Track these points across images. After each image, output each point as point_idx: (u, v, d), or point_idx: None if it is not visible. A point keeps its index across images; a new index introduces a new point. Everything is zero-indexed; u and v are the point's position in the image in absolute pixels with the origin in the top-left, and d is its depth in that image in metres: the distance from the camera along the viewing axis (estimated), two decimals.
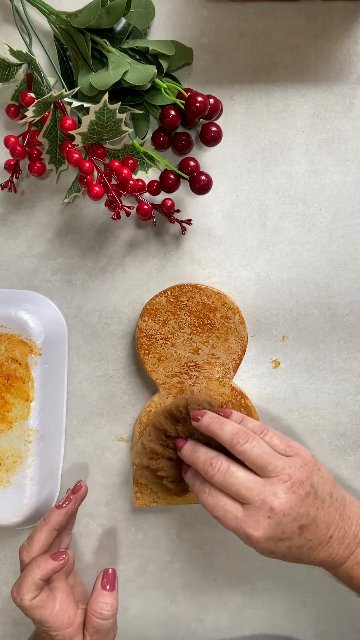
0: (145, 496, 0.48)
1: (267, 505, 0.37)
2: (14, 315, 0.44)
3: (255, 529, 0.36)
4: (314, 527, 0.38)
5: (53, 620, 0.41)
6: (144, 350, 0.47)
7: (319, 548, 0.38)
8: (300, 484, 0.38)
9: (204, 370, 0.48)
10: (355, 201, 0.49)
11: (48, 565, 0.41)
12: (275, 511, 0.36)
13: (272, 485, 0.37)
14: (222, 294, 0.47)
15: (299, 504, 0.37)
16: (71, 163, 0.42)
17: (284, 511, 0.37)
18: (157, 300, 0.47)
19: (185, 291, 0.47)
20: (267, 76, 0.48)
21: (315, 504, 0.38)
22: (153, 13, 0.46)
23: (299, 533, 0.37)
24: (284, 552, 0.38)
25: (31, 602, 0.40)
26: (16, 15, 0.46)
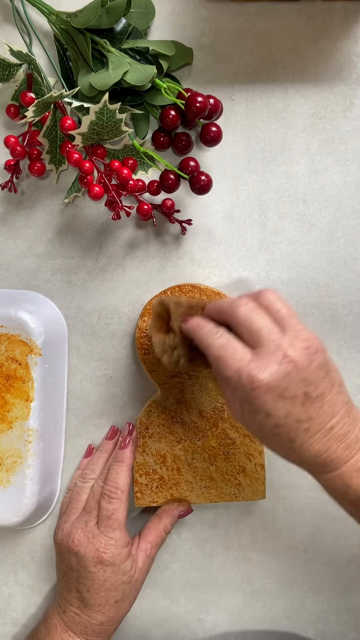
0: (146, 496, 0.48)
1: (281, 350, 0.33)
2: (14, 315, 0.44)
3: (262, 370, 0.33)
4: (318, 404, 0.34)
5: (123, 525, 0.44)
6: (144, 350, 0.47)
7: (316, 435, 0.34)
8: (317, 352, 0.34)
9: (205, 371, 0.48)
10: (355, 201, 0.49)
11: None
12: (288, 359, 0.33)
13: (291, 337, 0.34)
14: (222, 294, 0.47)
15: (310, 368, 0.34)
16: (71, 163, 0.42)
17: (296, 362, 0.33)
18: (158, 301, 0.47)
19: (185, 291, 0.47)
20: (267, 76, 0.48)
21: (325, 381, 0.35)
22: (153, 13, 0.46)
23: (302, 401, 0.33)
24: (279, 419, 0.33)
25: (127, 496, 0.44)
26: (16, 15, 0.46)
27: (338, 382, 0.36)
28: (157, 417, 0.48)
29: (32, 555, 0.51)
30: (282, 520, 0.52)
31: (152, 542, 0.46)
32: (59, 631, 0.44)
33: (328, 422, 0.34)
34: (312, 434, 0.34)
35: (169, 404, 0.48)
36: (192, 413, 0.48)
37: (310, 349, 0.34)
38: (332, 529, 0.51)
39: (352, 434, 0.35)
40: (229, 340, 0.35)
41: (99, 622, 0.43)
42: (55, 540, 0.46)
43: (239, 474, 0.48)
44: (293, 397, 0.33)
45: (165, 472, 0.48)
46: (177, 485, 0.48)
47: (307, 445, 0.34)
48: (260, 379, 0.33)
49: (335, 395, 0.35)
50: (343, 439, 0.35)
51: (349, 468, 0.34)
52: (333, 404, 0.35)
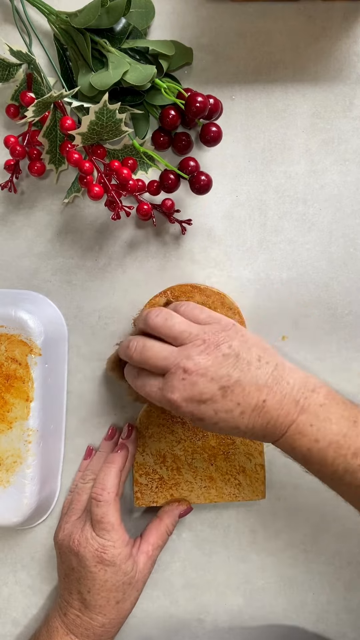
0: (146, 496, 0.48)
1: (180, 368, 0.36)
2: (14, 315, 0.44)
3: (172, 392, 0.36)
4: (239, 389, 0.36)
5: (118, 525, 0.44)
6: None
7: (253, 414, 0.36)
8: (216, 347, 0.37)
9: None
10: (355, 201, 0.49)
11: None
12: (188, 372, 0.36)
13: (186, 350, 0.37)
14: (222, 294, 0.47)
15: (215, 365, 0.36)
16: (71, 163, 0.42)
17: (197, 371, 0.36)
18: (157, 301, 0.47)
19: (185, 291, 0.47)
20: (267, 76, 0.48)
21: (237, 365, 0.36)
22: (153, 13, 0.46)
23: (222, 395, 0.36)
24: (213, 418, 0.36)
25: (115, 497, 0.44)
26: (16, 15, 0.46)
27: (255, 357, 0.37)
28: (157, 417, 0.48)
29: (32, 555, 0.51)
30: (282, 520, 0.51)
31: (153, 544, 0.46)
32: (61, 634, 0.44)
33: (258, 397, 0.36)
34: (248, 414, 0.36)
35: None
36: None
37: (208, 348, 0.37)
38: (332, 529, 0.51)
39: (288, 398, 0.36)
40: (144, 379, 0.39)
41: (100, 624, 0.43)
42: (56, 540, 0.46)
43: (238, 474, 0.48)
44: (211, 397, 0.36)
45: (165, 472, 0.48)
46: (177, 485, 0.48)
47: (251, 424, 0.36)
48: (175, 399, 0.36)
49: (255, 371, 0.36)
50: (280, 405, 0.36)
51: (292, 431, 0.36)
52: (256, 380, 0.36)
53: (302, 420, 0.36)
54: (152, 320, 0.39)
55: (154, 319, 0.39)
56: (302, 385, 0.37)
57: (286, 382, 0.37)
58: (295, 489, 0.51)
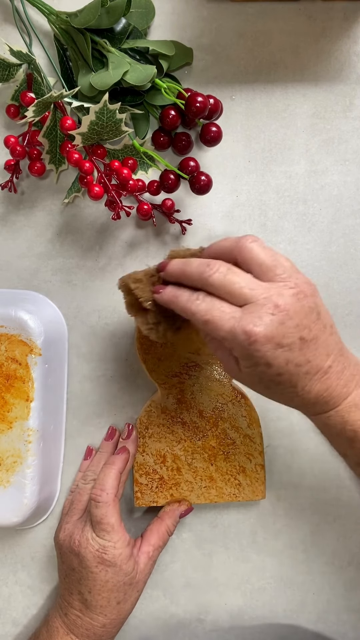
0: (146, 496, 0.48)
1: (271, 302, 0.33)
2: (14, 315, 0.44)
3: (257, 324, 0.32)
4: (314, 346, 0.34)
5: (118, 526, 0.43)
6: (144, 350, 0.47)
7: (316, 376, 0.35)
8: (306, 296, 0.34)
9: (204, 370, 0.48)
10: (355, 201, 0.49)
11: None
12: (280, 308, 0.33)
13: (278, 288, 0.34)
14: None
15: (302, 313, 0.34)
16: (71, 163, 0.42)
17: (288, 311, 0.33)
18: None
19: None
20: (267, 76, 0.48)
21: (318, 323, 0.35)
22: (153, 13, 0.46)
23: (300, 346, 0.34)
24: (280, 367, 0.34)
25: (114, 498, 0.43)
26: (16, 15, 0.46)
27: (329, 324, 0.36)
28: (157, 417, 0.48)
29: (32, 555, 0.51)
30: (282, 520, 0.52)
31: (154, 545, 0.46)
32: (61, 634, 0.44)
33: (325, 361, 0.35)
34: (312, 375, 0.35)
35: (169, 404, 0.48)
36: (192, 413, 0.48)
37: (300, 295, 0.34)
38: (332, 529, 0.51)
39: (348, 371, 0.36)
40: (213, 302, 0.34)
41: (101, 624, 0.43)
42: (57, 540, 0.46)
43: (239, 474, 0.48)
44: (290, 344, 0.33)
45: (165, 472, 0.48)
46: (177, 485, 0.48)
47: (309, 387, 0.35)
48: (256, 332, 0.32)
49: (329, 336, 0.36)
50: (340, 376, 0.36)
51: (347, 404, 0.36)
52: (327, 344, 0.35)
53: (358, 393, 0.36)
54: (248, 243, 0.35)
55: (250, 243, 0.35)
56: (356, 363, 0.37)
57: (346, 356, 0.37)
58: (295, 489, 0.51)
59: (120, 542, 0.43)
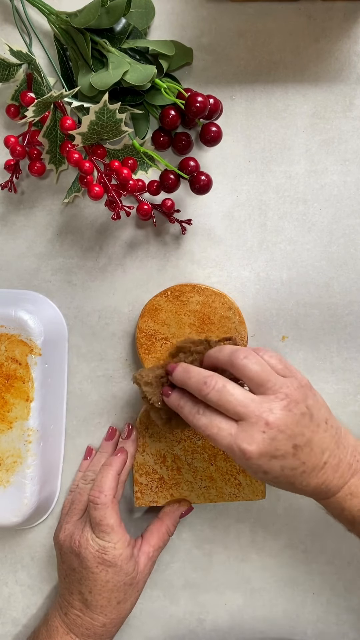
0: (146, 496, 0.48)
1: (262, 420, 0.35)
2: (14, 315, 0.44)
3: (250, 443, 0.35)
4: (308, 449, 0.37)
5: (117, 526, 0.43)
6: (144, 350, 0.47)
7: (312, 473, 0.37)
8: (297, 404, 0.37)
9: None
10: (355, 201, 0.49)
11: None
12: (270, 426, 0.35)
13: (269, 402, 0.36)
14: (222, 294, 0.47)
15: (294, 423, 0.36)
16: (71, 163, 0.42)
17: (279, 427, 0.35)
18: (157, 300, 0.47)
19: (185, 291, 0.47)
20: (267, 76, 0.48)
21: (310, 426, 0.37)
22: (153, 13, 0.46)
23: (293, 453, 0.36)
24: (276, 473, 0.36)
25: (112, 499, 0.44)
26: (16, 15, 0.46)
27: (324, 418, 0.38)
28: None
29: (32, 555, 0.51)
30: (282, 520, 0.51)
31: (154, 545, 0.46)
32: (61, 633, 0.44)
33: (320, 459, 0.37)
34: (308, 473, 0.37)
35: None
36: None
37: (290, 405, 0.36)
38: (332, 529, 0.51)
39: (344, 462, 0.38)
40: (212, 417, 0.37)
41: (101, 624, 0.43)
42: (57, 540, 0.46)
43: (239, 474, 0.48)
44: (283, 454, 0.36)
45: (165, 472, 0.48)
46: (177, 485, 0.48)
47: (306, 482, 0.37)
48: (250, 451, 0.35)
49: (323, 433, 0.38)
50: (337, 468, 0.38)
51: (343, 493, 0.38)
52: (322, 442, 0.37)
53: (354, 482, 0.38)
54: (240, 360, 0.38)
55: (242, 360, 0.38)
56: (354, 449, 0.39)
57: (343, 446, 0.39)
58: None
59: (120, 543, 0.43)
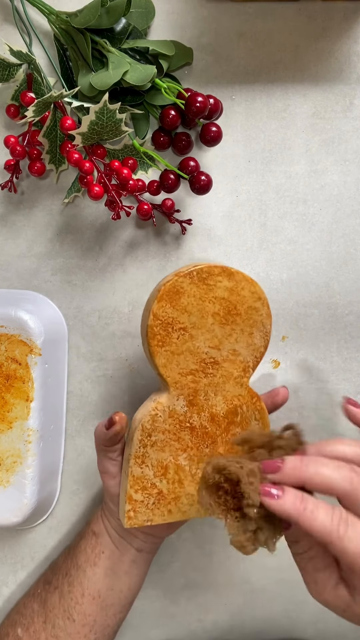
0: (139, 515, 0.40)
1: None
2: (14, 315, 0.44)
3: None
4: None
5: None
6: (158, 341, 0.40)
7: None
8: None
9: (223, 368, 0.41)
10: (355, 201, 0.49)
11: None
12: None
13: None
14: (253, 282, 0.41)
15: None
16: (71, 163, 0.42)
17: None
18: (180, 282, 0.40)
19: (213, 273, 0.40)
20: (267, 76, 0.48)
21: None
22: (153, 13, 0.46)
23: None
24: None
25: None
26: (16, 15, 0.46)
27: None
28: (164, 422, 0.41)
29: (32, 555, 0.51)
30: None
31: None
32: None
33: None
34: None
35: (178, 407, 0.41)
36: (203, 417, 0.41)
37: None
38: None
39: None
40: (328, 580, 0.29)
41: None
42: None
43: None
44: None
45: (165, 486, 0.41)
46: (177, 499, 0.41)
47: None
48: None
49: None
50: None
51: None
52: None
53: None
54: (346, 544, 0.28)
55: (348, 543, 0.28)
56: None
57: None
58: None
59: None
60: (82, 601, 0.43)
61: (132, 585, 0.45)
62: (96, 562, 0.44)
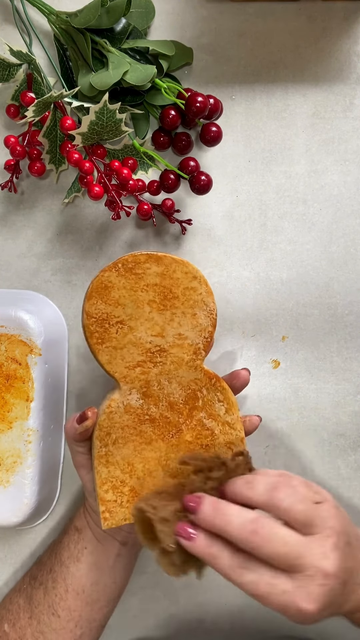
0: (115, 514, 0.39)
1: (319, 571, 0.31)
2: (14, 315, 0.44)
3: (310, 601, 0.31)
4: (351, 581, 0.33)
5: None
6: (97, 339, 0.40)
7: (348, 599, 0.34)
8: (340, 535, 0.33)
9: (171, 355, 0.40)
10: (355, 201, 0.49)
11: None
12: (329, 577, 0.31)
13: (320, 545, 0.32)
14: (183, 262, 0.41)
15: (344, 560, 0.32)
16: (71, 163, 0.42)
17: (336, 574, 0.31)
18: (106, 277, 0.39)
19: (139, 262, 0.40)
20: (267, 76, 0.48)
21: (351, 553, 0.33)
22: (153, 13, 0.46)
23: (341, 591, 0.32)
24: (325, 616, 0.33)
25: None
26: (16, 15, 0.46)
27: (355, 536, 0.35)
28: (120, 417, 0.40)
29: (32, 555, 0.51)
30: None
31: None
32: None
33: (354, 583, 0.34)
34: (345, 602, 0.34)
35: (132, 401, 0.40)
36: (161, 406, 0.41)
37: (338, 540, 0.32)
38: None
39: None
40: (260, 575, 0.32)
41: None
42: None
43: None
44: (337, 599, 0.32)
45: (135, 482, 0.40)
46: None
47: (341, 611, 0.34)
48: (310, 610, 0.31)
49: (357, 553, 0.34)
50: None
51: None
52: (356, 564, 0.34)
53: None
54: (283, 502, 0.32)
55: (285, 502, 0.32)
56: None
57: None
58: None
59: None
60: (67, 597, 0.43)
61: (117, 579, 0.45)
62: (79, 558, 0.44)
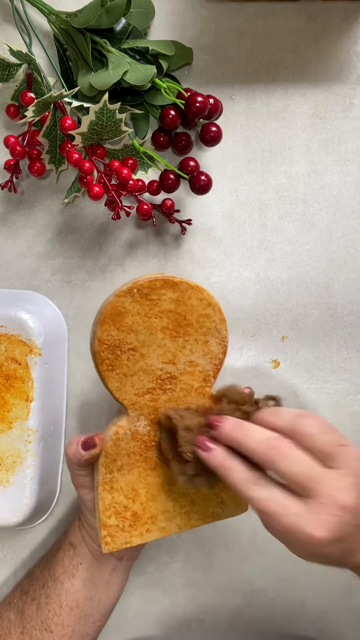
0: (117, 539, 0.39)
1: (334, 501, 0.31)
2: (14, 315, 0.44)
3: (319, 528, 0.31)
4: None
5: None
6: (107, 366, 0.38)
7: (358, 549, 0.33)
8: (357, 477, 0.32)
9: (181, 382, 0.40)
10: (355, 201, 0.49)
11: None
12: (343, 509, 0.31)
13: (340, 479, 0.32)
14: (199, 288, 0.40)
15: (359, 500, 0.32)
16: (71, 163, 0.42)
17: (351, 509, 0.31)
18: (121, 302, 0.38)
19: (155, 287, 0.39)
20: (267, 76, 0.48)
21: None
22: (153, 13, 0.46)
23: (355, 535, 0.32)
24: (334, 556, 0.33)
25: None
26: (16, 15, 0.46)
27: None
28: (127, 444, 0.39)
29: (32, 555, 0.51)
30: None
31: None
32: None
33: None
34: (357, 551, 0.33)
35: (140, 427, 0.39)
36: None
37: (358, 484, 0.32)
38: None
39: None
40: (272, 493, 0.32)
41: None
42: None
43: (221, 491, 0.41)
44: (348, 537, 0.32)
45: (138, 507, 0.39)
46: (153, 518, 0.40)
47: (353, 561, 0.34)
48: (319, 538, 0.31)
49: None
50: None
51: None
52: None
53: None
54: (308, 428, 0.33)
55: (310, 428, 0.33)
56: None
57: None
58: None
59: None
60: (60, 612, 0.43)
61: (111, 594, 0.45)
62: (74, 573, 0.44)
